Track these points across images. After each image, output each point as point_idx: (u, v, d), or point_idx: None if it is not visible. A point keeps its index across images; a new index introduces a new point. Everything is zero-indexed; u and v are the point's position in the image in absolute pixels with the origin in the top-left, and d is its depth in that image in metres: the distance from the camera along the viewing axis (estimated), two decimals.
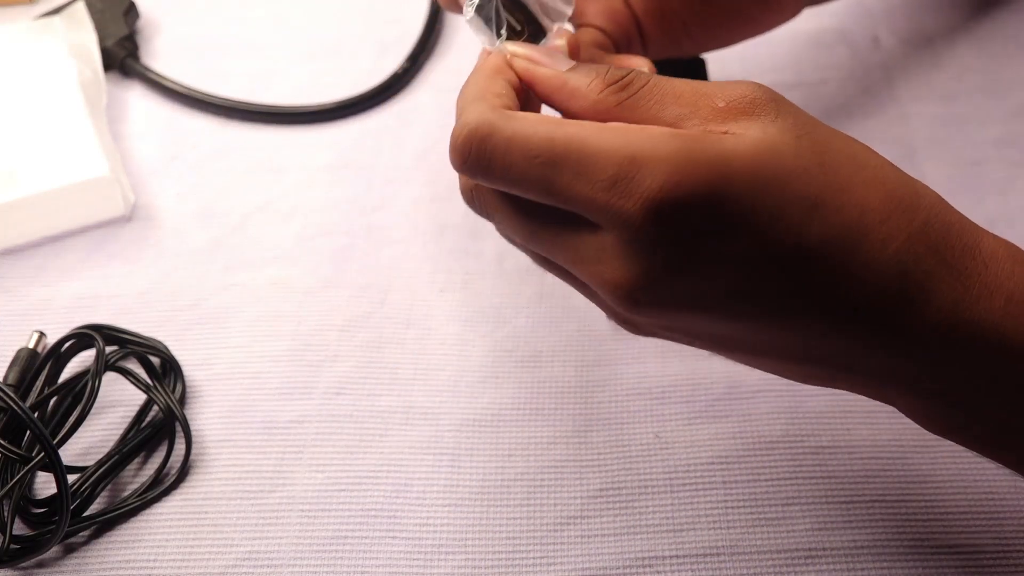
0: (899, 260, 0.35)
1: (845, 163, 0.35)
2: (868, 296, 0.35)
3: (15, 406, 0.43)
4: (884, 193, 0.35)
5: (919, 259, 0.35)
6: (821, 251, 0.34)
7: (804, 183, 0.34)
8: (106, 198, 0.57)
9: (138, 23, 0.68)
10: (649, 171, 0.33)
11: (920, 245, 0.35)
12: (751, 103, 0.35)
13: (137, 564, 0.44)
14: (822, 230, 0.34)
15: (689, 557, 0.44)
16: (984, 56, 0.65)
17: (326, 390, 0.50)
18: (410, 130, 0.63)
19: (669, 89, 0.36)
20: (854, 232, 0.34)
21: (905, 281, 0.35)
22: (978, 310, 0.35)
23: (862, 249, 0.34)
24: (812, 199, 0.34)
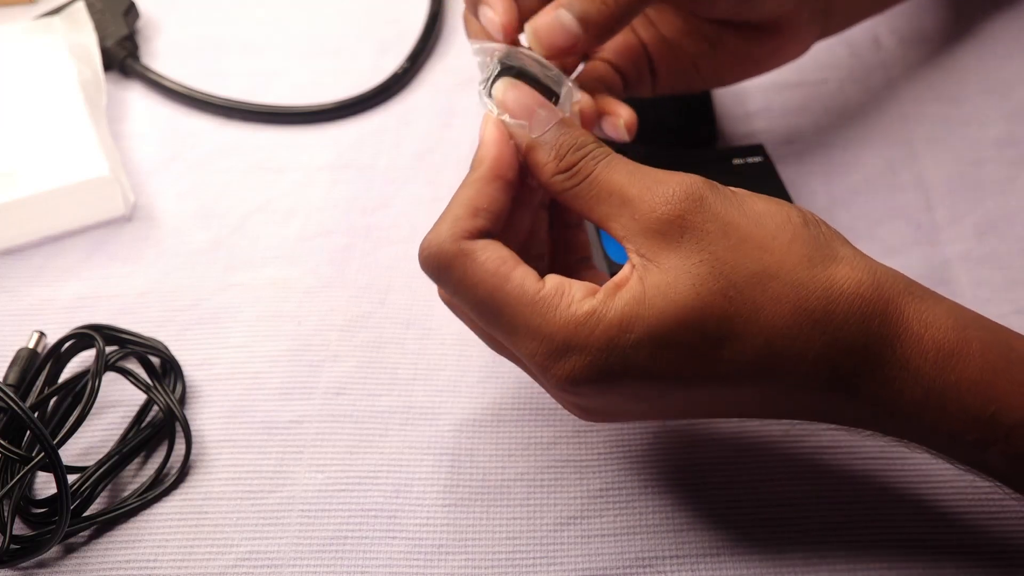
0: (817, 371, 0.37)
1: (753, 283, 0.37)
2: (793, 404, 0.39)
3: (15, 406, 0.43)
4: (792, 308, 0.37)
5: (836, 367, 0.37)
6: (734, 380, 0.38)
7: (705, 319, 0.37)
8: (106, 198, 0.57)
9: (138, 23, 0.68)
10: (566, 358, 0.38)
11: (836, 351, 0.37)
12: (667, 223, 0.38)
13: (137, 564, 0.44)
14: (730, 364, 0.37)
15: (689, 557, 0.43)
16: (984, 56, 0.65)
17: (326, 390, 0.50)
18: (410, 130, 0.63)
19: (605, 187, 0.40)
20: (764, 357, 0.37)
21: (828, 387, 0.38)
22: (902, 403, 0.38)
23: (778, 369, 0.37)
24: (714, 336, 0.37)
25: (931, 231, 0.55)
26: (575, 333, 0.37)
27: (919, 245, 0.55)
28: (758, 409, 0.40)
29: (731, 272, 0.37)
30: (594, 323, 0.37)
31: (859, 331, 0.37)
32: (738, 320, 0.37)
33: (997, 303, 0.52)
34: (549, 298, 0.38)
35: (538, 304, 0.38)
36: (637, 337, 0.37)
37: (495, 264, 0.39)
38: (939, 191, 0.57)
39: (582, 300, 0.38)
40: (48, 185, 0.56)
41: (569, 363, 0.37)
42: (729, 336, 0.37)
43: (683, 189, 0.38)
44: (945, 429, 0.38)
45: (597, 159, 0.40)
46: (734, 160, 0.55)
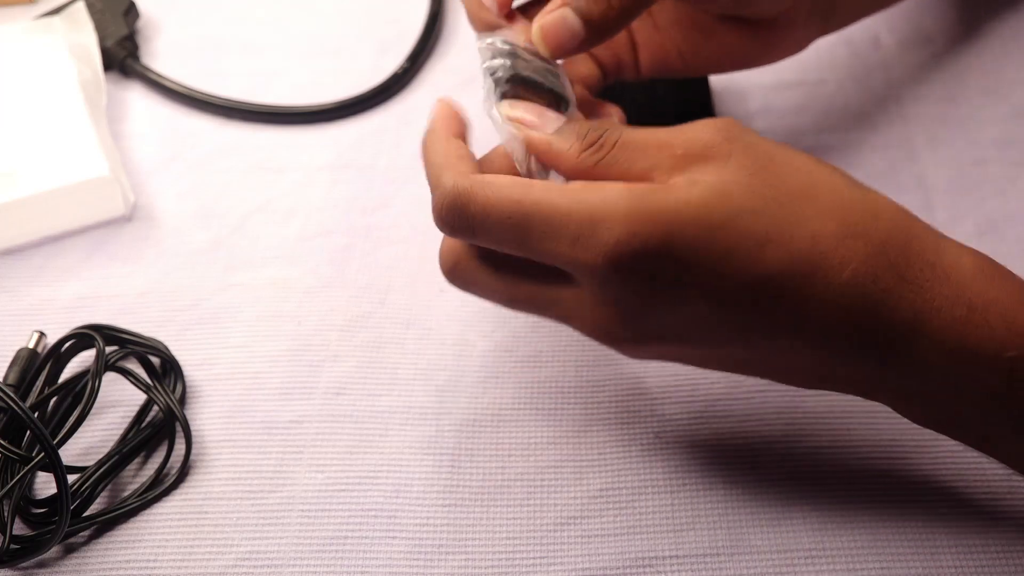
0: (857, 282, 0.37)
1: (798, 196, 0.38)
2: (831, 317, 0.37)
3: (15, 406, 0.43)
4: (838, 219, 0.37)
5: (877, 278, 0.37)
6: (778, 282, 0.37)
7: (753, 221, 0.37)
8: (106, 198, 0.57)
9: (138, 23, 0.68)
10: (605, 227, 0.37)
11: (877, 265, 0.37)
12: (706, 147, 0.38)
13: (137, 564, 0.44)
14: (775, 262, 0.37)
15: (689, 557, 0.44)
16: (984, 56, 0.65)
17: (326, 390, 0.50)
18: (410, 130, 0.63)
19: (636, 144, 0.40)
20: (808, 261, 0.37)
21: (865, 301, 0.37)
22: (939, 321, 0.37)
23: (818, 275, 0.37)
24: (762, 235, 0.37)
25: None
26: (621, 199, 0.37)
27: None
28: (782, 339, 0.38)
29: (780, 184, 0.38)
30: (641, 195, 0.37)
31: (900, 247, 0.38)
32: (786, 223, 0.37)
33: None
34: (584, 185, 0.38)
35: (573, 190, 0.38)
36: (686, 217, 0.36)
37: (511, 180, 0.39)
38: (939, 191, 0.57)
39: (624, 187, 0.37)
40: (48, 185, 0.56)
41: (615, 231, 0.36)
42: (777, 236, 0.37)
43: (723, 120, 0.39)
44: (985, 347, 0.37)
45: (619, 130, 0.40)
46: None
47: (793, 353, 0.39)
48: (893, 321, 0.37)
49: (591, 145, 0.40)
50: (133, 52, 0.66)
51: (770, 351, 0.39)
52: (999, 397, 0.38)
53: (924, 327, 0.37)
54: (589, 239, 0.37)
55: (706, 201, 0.37)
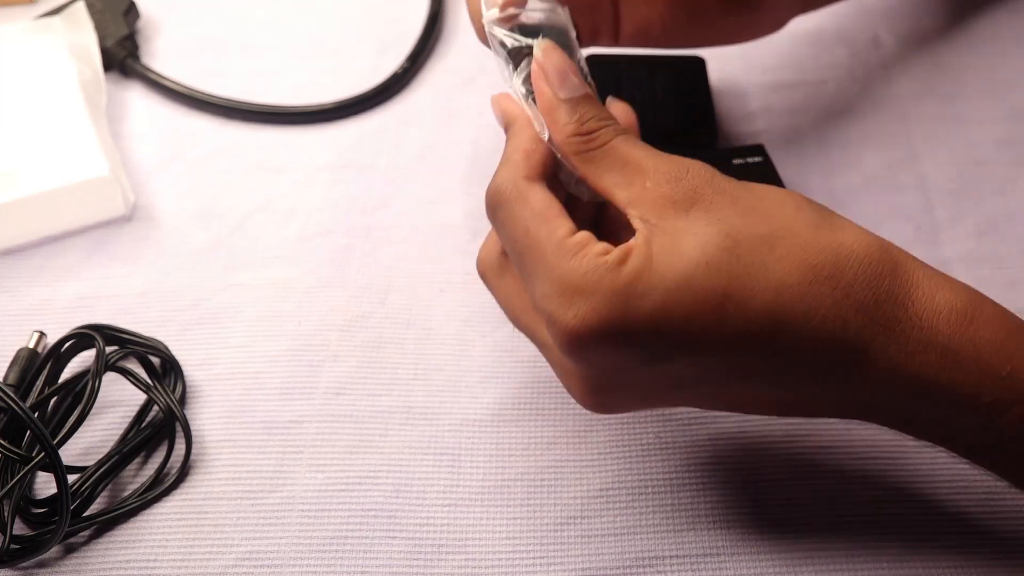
0: (825, 327, 0.37)
1: (759, 244, 0.37)
2: (803, 366, 0.37)
3: (15, 406, 0.43)
4: (802, 266, 0.37)
5: (846, 323, 0.37)
6: (742, 341, 0.37)
7: (712, 278, 0.37)
8: (106, 198, 0.57)
9: (138, 23, 0.68)
10: (572, 302, 0.37)
11: (847, 309, 0.37)
12: (670, 191, 0.39)
13: (137, 564, 0.44)
14: (736, 322, 0.37)
15: (689, 557, 0.44)
16: (984, 56, 0.65)
17: (326, 390, 0.50)
18: (410, 130, 0.63)
19: (619, 158, 0.40)
20: (771, 315, 0.37)
21: (836, 346, 0.37)
22: (913, 366, 0.37)
23: (783, 329, 0.37)
24: (721, 293, 0.37)
25: (931, 231, 0.55)
26: (586, 278, 0.37)
27: (919, 245, 0.55)
28: (763, 386, 0.39)
29: (738, 233, 0.37)
30: (604, 271, 0.37)
31: (870, 288, 0.37)
32: (746, 277, 0.37)
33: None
34: (571, 246, 0.38)
35: (561, 249, 0.38)
36: (644, 288, 0.37)
37: (541, 207, 0.40)
38: (939, 191, 0.57)
39: (598, 255, 0.38)
40: (48, 185, 0.56)
41: (578, 308, 0.37)
42: (737, 292, 0.37)
43: (697, 167, 0.40)
44: (960, 392, 0.37)
45: (616, 132, 0.41)
46: (734, 160, 0.55)
47: (769, 397, 0.40)
48: (867, 366, 0.37)
49: (584, 135, 0.41)
50: (133, 52, 0.66)
51: (747, 398, 0.40)
52: (985, 445, 0.38)
53: (901, 371, 0.37)
54: (558, 301, 0.38)
55: (663, 266, 0.37)
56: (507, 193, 0.41)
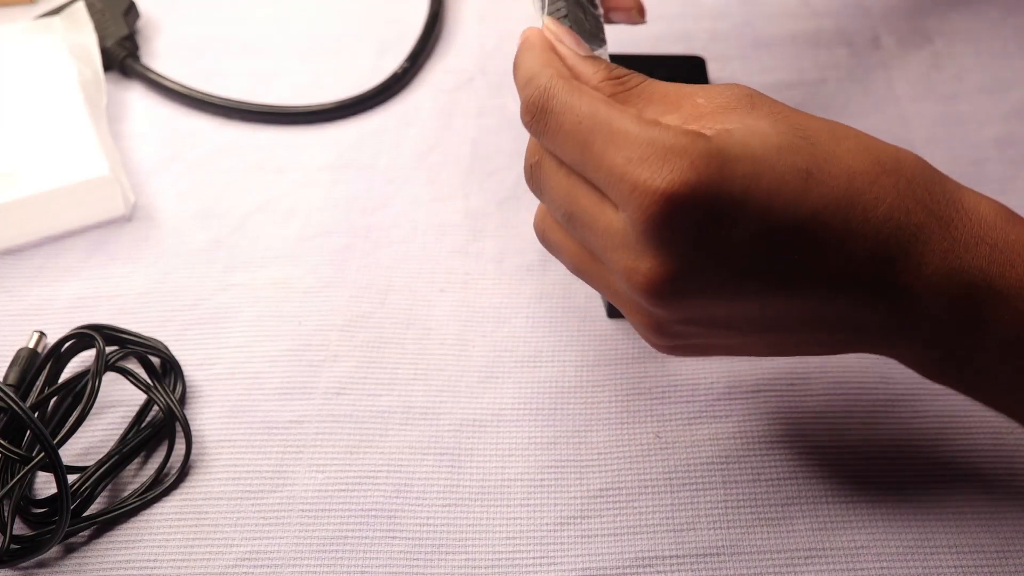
0: (891, 216, 0.38)
1: (826, 137, 0.39)
2: (867, 253, 0.38)
3: (15, 406, 0.43)
4: (869, 158, 0.39)
5: (909, 213, 0.38)
6: (820, 218, 0.37)
7: (793, 156, 0.37)
8: (106, 198, 0.57)
9: (138, 23, 0.68)
10: (667, 159, 0.36)
11: (909, 200, 0.38)
12: (727, 99, 0.39)
13: (137, 564, 0.44)
14: (819, 198, 0.37)
15: (689, 557, 0.44)
16: (984, 56, 0.65)
17: (326, 390, 0.50)
18: (410, 130, 0.63)
19: (658, 91, 0.41)
20: (846, 196, 0.37)
21: (899, 235, 0.38)
22: (967, 259, 0.38)
23: (856, 211, 0.37)
24: (803, 170, 0.37)
25: None
26: (677, 140, 0.36)
27: None
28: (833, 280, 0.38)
29: (807, 126, 0.39)
30: (695, 136, 0.37)
31: (926, 186, 0.39)
32: (822, 160, 0.38)
33: None
34: (652, 120, 0.38)
35: (642, 122, 0.38)
36: (737, 153, 0.37)
37: (601, 96, 0.40)
38: None
39: (683, 128, 0.38)
40: (48, 185, 0.56)
41: (673, 165, 0.36)
42: (817, 170, 0.37)
43: (741, 86, 0.40)
44: (1008, 283, 0.38)
45: (644, 77, 0.41)
46: None
47: (825, 302, 0.39)
48: (924, 256, 0.38)
49: (615, 78, 0.41)
50: (133, 52, 0.66)
51: (803, 302, 0.39)
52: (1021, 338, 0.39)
53: (952, 263, 0.38)
54: (648, 161, 0.36)
55: (747, 140, 0.37)
56: (558, 88, 0.40)
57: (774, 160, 0.37)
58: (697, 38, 0.67)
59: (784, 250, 0.37)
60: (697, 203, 0.36)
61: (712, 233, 0.37)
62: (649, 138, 0.37)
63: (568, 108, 0.39)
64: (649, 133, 0.37)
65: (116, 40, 0.65)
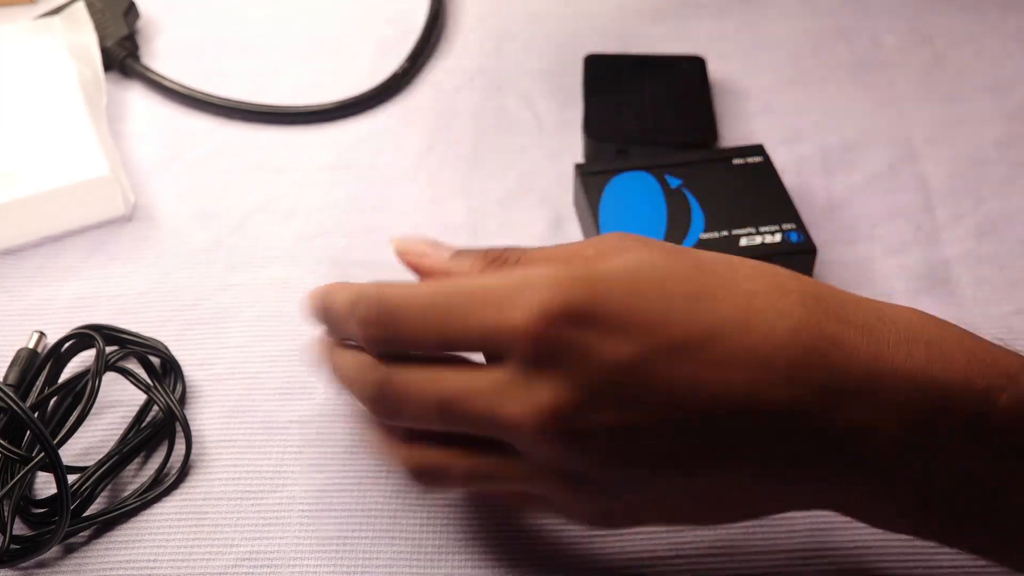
0: (802, 329, 0.34)
1: (722, 266, 0.37)
2: (782, 370, 0.34)
3: (15, 406, 0.43)
4: (769, 281, 0.36)
5: (821, 326, 0.35)
6: (716, 337, 0.34)
7: (683, 282, 0.35)
8: (106, 198, 0.57)
9: (138, 23, 0.68)
10: (532, 290, 0.34)
11: (819, 314, 0.35)
12: (618, 242, 0.37)
13: (137, 564, 0.44)
14: (711, 315, 0.35)
15: (689, 557, 0.43)
16: (984, 56, 0.65)
17: (326, 390, 0.50)
18: (410, 130, 0.63)
19: (543, 254, 0.39)
20: (745, 312, 0.35)
21: (816, 347, 0.34)
22: (899, 358, 0.34)
23: (757, 326, 0.34)
24: (693, 293, 0.35)
25: (931, 231, 0.56)
26: (546, 268, 0.35)
27: (919, 245, 0.55)
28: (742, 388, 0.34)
29: (700, 257, 0.37)
30: (566, 264, 0.36)
31: (838, 300, 0.36)
32: (715, 285, 0.35)
33: (997, 303, 0.52)
34: (503, 268, 0.38)
35: (493, 271, 0.38)
36: (614, 279, 0.35)
37: (430, 281, 0.39)
38: (939, 191, 0.57)
39: (547, 263, 0.37)
40: (48, 185, 0.56)
41: (542, 293, 0.34)
42: (707, 295, 0.35)
43: (624, 233, 0.39)
44: (953, 379, 0.34)
45: (525, 249, 0.40)
46: (734, 160, 0.55)
47: (739, 429, 0.35)
48: (849, 365, 0.34)
49: (494, 260, 0.39)
50: (133, 52, 0.66)
51: (714, 434, 0.35)
52: (975, 431, 0.35)
53: (884, 365, 0.34)
54: (515, 300, 0.34)
55: (634, 268, 0.36)
56: (389, 288, 0.37)
57: (660, 283, 0.35)
58: (697, 38, 0.67)
59: (682, 371, 0.34)
60: (574, 318, 0.34)
61: (597, 346, 0.34)
62: (511, 280, 0.35)
63: (411, 297, 0.37)
64: (510, 276, 0.35)
65: (116, 40, 0.65)
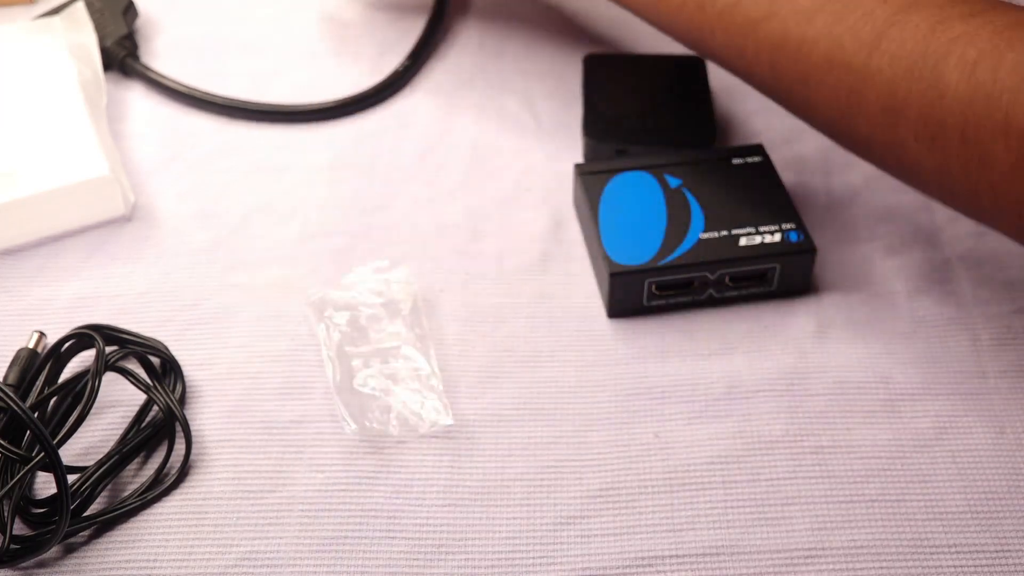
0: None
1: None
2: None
3: (15, 406, 0.43)
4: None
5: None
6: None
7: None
8: (106, 198, 0.57)
9: (137, 22, 0.68)
10: None
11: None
12: None
13: (137, 564, 0.44)
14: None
15: (689, 557, 0.44)
16: None
17: (326, 390, 0.50)
18: (410, 130, 0.63)
19: None
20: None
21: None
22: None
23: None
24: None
25: (931, 231, 0.56)
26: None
27: (919, 245, 0.55)
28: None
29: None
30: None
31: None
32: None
33: (997, 303, 0.52)
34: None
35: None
36: None
37: None
38: None
39: None
40: (48, 185, 0.56)
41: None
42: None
43: None
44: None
45: None
46: (734, 160, 0.55)
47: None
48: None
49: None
50: (132, 51, 0.66)
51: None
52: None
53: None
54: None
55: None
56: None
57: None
58: None
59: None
60: None
61: None
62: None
63: None
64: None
65: (115, 39, 0.65)
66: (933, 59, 0.43)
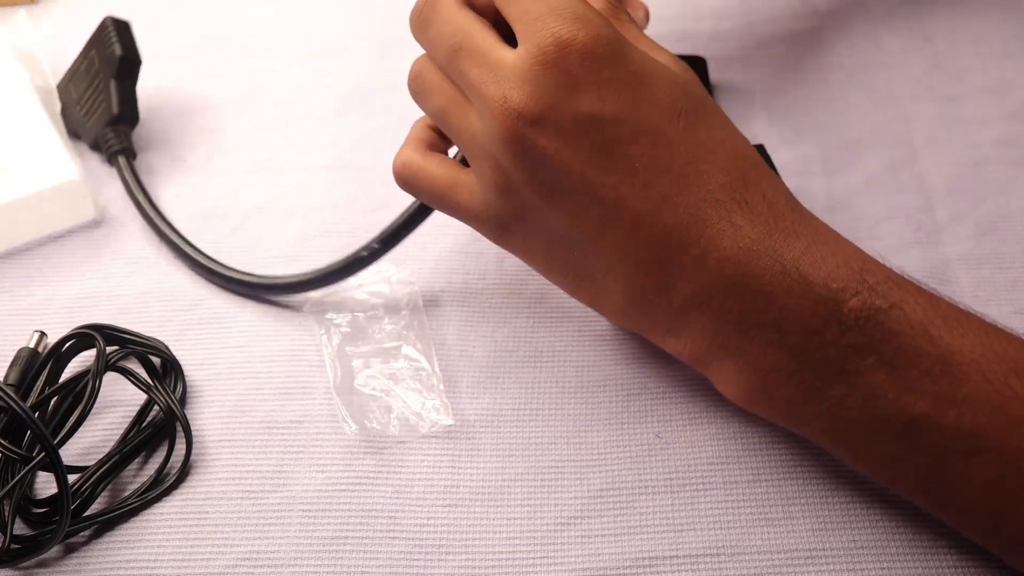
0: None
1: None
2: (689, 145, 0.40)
3: (16, 406, 0.43)
4: (727, 151, 0.41)
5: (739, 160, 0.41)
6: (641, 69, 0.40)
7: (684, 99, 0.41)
8: (77, 202, 0.56)
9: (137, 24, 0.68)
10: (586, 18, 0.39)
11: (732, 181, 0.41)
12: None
13: (137, 564, 0.44)
14: (638, 63, 0.41)
15: (689, 557, 0.44)
16: (985, 56, 0.65)
17: (326, 390, 0.50)
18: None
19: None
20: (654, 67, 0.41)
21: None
22: (776, 243, 0.39)
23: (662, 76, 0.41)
24: (687, 108, 0.41)
25: (931, 231, 0.55)
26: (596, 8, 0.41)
27: (919, 245, 0.55)
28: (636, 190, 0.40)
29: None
30: (610, 22, 0.41)
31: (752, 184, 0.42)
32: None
33: (997, 303, 0.52)
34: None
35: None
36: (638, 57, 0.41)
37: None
38: (939, 191, 0.57)
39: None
40: (18, 193, 0.55)
41: (583, 24, 0.39)
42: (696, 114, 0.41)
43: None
44: (816, 270, 0.39)
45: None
46: None
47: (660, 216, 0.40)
48: (733, 232, 0.40)
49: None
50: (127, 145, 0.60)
51: (634, 227, 0.40)
52: (820, 322, 0.39)
53: (762, 244, 0.40)
54: (566, 16, 0.39)
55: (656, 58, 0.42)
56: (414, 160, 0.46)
57: (672, 79, 0.41)
58: (698, 38, 0.67)
59: (649, 152, 0.40)
60: (594, 60, 0.39)
61: (588, 93, 0.39)
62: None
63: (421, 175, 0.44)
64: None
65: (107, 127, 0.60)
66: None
